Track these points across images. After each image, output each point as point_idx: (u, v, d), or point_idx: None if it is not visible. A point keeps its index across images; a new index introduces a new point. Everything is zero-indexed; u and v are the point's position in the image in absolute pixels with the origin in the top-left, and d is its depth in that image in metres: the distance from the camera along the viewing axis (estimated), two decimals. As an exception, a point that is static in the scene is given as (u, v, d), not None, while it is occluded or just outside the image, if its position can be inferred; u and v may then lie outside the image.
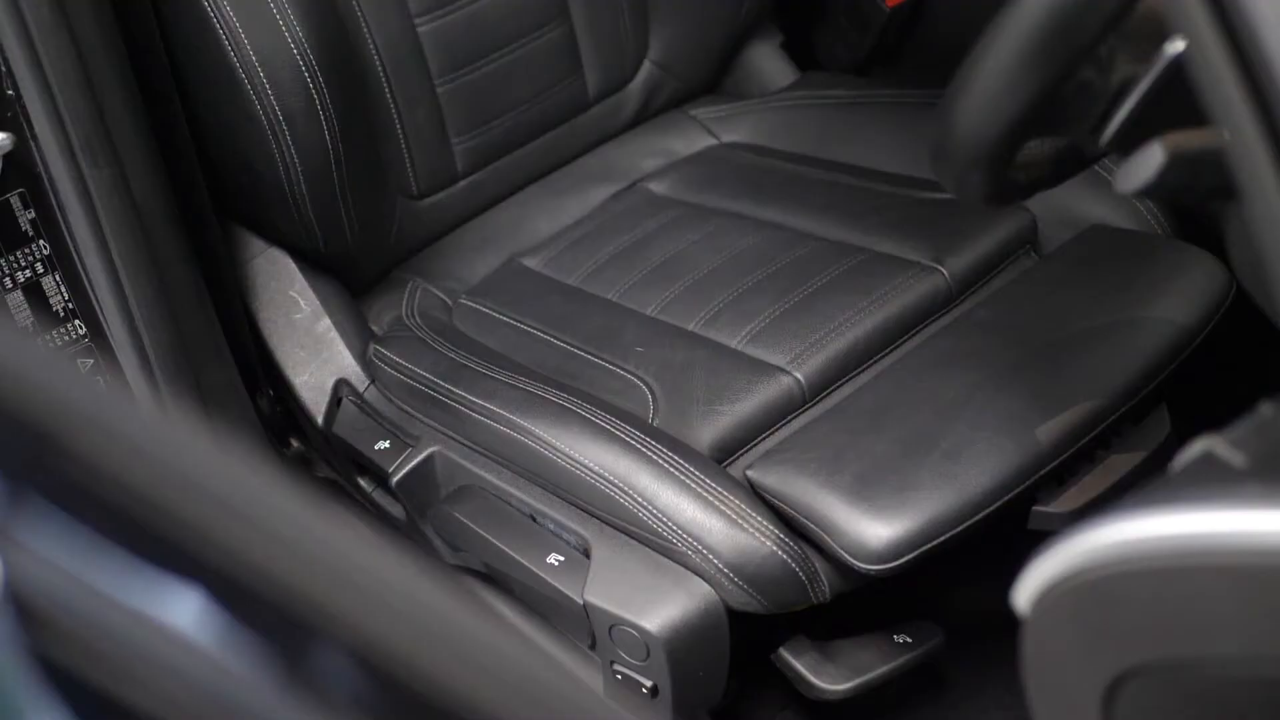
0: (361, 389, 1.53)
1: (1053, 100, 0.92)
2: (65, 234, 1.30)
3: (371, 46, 1.55)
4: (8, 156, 1.26)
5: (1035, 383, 1.32)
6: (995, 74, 0.91)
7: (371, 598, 0.52)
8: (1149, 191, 0.87)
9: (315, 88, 1.40)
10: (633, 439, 1.31)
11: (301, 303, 1.54)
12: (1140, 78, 0.91)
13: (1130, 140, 0.92)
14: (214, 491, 0.53)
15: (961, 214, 1.51)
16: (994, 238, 1.49)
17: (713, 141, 1.77)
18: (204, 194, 1.46)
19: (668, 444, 1.31)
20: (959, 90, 0.94)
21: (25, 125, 1.25)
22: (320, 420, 1.53)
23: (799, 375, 1.38)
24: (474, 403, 1.40)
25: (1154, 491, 0.72)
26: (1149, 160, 0.84)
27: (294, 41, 1.39)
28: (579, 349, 1.47)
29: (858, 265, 1.48)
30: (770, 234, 1.56)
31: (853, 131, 1.71)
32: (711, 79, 1.83)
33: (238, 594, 0.51)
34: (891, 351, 1.43)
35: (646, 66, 1.76)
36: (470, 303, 1.59)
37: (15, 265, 1.31)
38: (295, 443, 1.62)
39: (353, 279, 1.62)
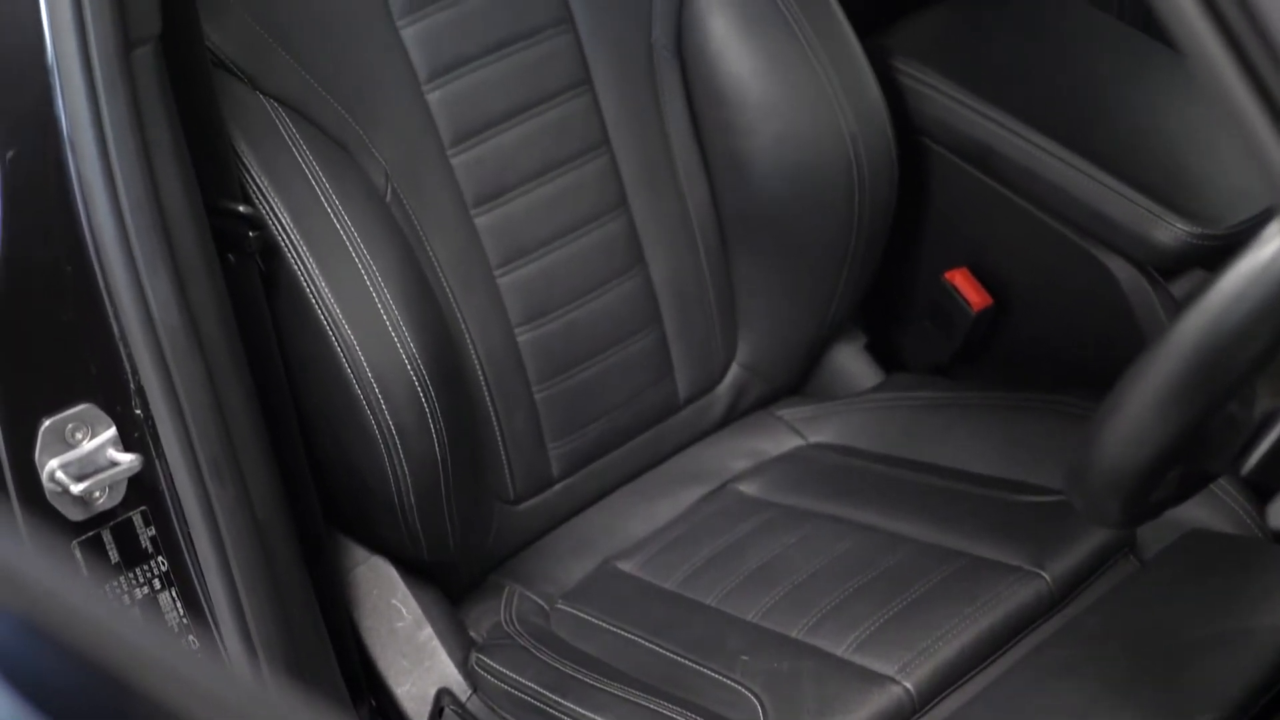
0: (464, 698, 1.52)
1: (1193, 435, 0.94)
2: (184, 550, 1.31)
3: (474, 356, 1.59)
4: (133, 476, 1.27)
5: (1152, 695, 1.31)
6: (1142, 407, 0.93)
7: None
8: (1302, 526, 0.88)
9: (427, 400, 1.43)
10: (749, 754, 1.30)
11: (404, 611, 1.54)
12: (1283, 412, 0.93)
13: (1272, 472, 0.93)
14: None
15: (1057, 517, 1.52)
16: (1093, 542, 1.49)
17: (800, 442, 1.79)
18: (316, 507, 1.48)
19: (784, 759, 1.30)
20: (1104, 420, 0.96)
21: (152, 445, 1.27)
22: (422, 730, 1.52)
23: (908, 684, 1.38)
24: (585, 716, 1.40)
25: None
26: (1303, 498, 0.85)
27: (408, 357, 1.42)
28: (683, 657, 1.46)
29: (958, 570, 1.49)
30: (866, 537, 1.57)
31: (942, 433, 1.73)
32: (797, 380, 1.86)
33: None
34: (998, 658, 1.42)
35: (734, 369, 1.79)
36: (568, 608, 1.59)
37: (134, 582, 1.32)
38: (394, 752, 1.60)
39: (450, 585, 1.63)
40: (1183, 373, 0.91)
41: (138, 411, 1.27)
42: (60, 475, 1.23)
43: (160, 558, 1.32)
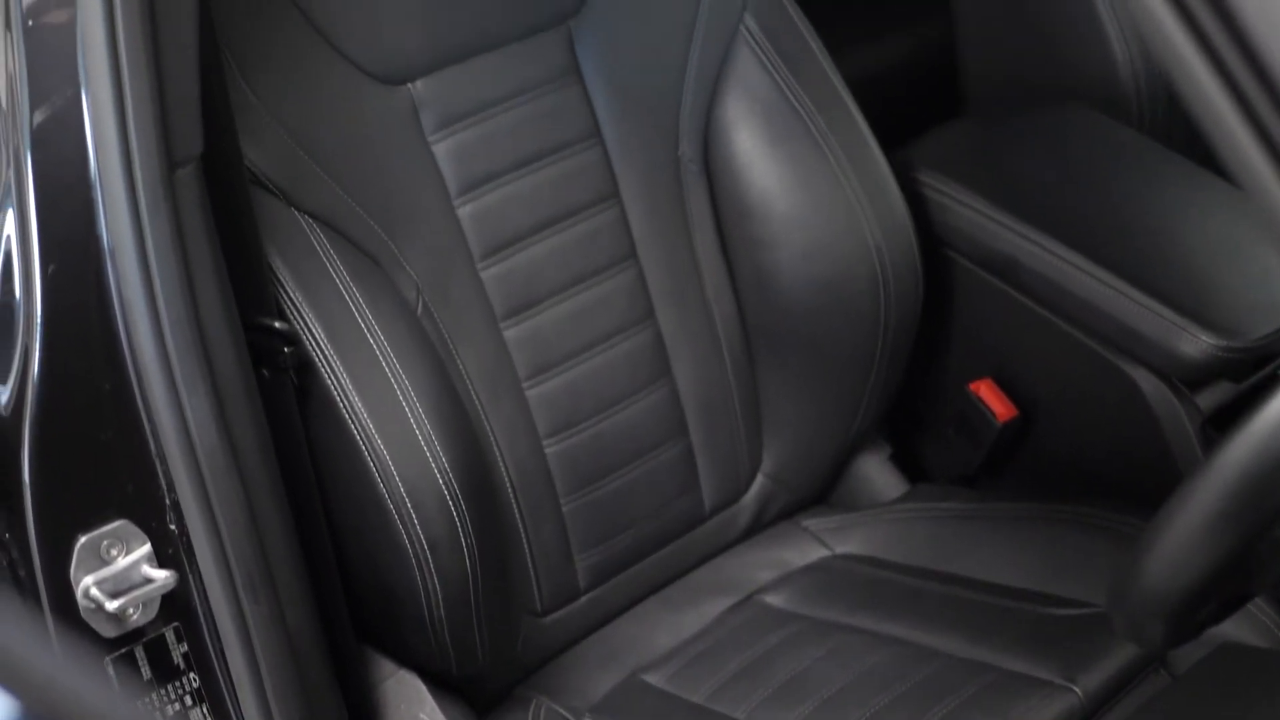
0: (492, 815, 1.51)
1: (1239, 559, 0.94)
2: (215, 667, 1.31)
3: (503, 468, 1.59)
4: (166, 593, 1.27)
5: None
6: (1187, 533, 0.93)
7: None
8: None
9: (458, 514, 1.43)
10: None
11: (431, 725, 1.53)
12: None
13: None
14: None
15: (1088, 630, 1.52)
16: (1124, 655, 1.49)
17: (826, 553, 1.78)
18: (346, 620, 1.48)
19: None
20: (1148, 545, 0.96)
21: (186, 561, 1.27)
22: None
23: (942, 803, 1.37)
24: (616, 834, 1.39)
25: None
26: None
27: (439, 470, 1.42)
28: (714, 773, 1.46)
29: (989, 685, 1.48)
30: (895, 650, 1.56)
31: (968, 544, 1.73)
32: (822, 490, 1.86)
33: None
34: (1031, 777, 1.42)
35: (760, 479, 1.79)
36: (597, 723, 1.59)
37: (165, 698, 1.31)
38: None
39: (477, 697, 1.62)
40: (1228, 498, 0.91)
41: (172, 527, 1.27)
42: (95, 592, 1.23)
43: (192, 674, 1.31)
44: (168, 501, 1.27)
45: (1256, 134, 0.67)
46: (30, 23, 1.19)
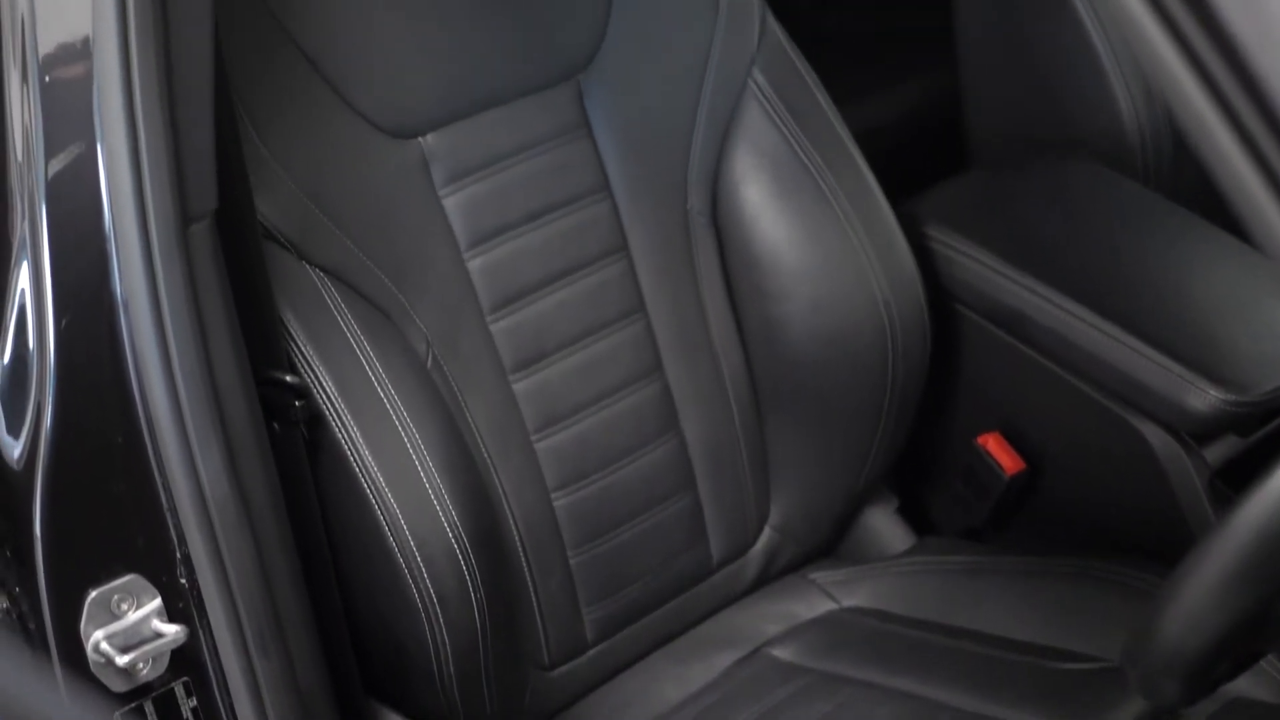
0: None
1: (1256, 617, 0.94)
2: (224, 720, 1.31)
3: (511, 521, 1.59)
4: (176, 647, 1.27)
5: None
6: (1203, 592, 0.93)
7: None
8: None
9: (468, 569, 1.43)
10: None
11: (440, 780, 1.53)
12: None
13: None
14: None
15: (1097, 685, 1.51)
16: (1133, 710, 1.48)
17: (833, 606, 1.78)
18: (355, 674, 1.47)
19: None
20: (1165, 603, 0.96)
21: (196, 616, 1.27)
22: None
23: None
24: None
25: None
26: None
27: (449, 525, 1.42)
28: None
29: (999, 740, 1.48)
30: (904, 705, 1.56)
31: (976, 598, 1.72)
32: (829, 542, 1.86)
33: None
34: (1043, 832, 1.41)
35: (767, 532, 1.79)
36: (604, 777, 1.58)
37: (174, 753, 1.31)
38: None
39: (484, 751, 1.61)
40: (1245, 557, 0.91)
41: (183, 581, 1.27)
42: (105, 646, 1.23)
43: (202, 728, 1.31)
44: (178, 555, 1.26)
45: (1262, 173, 0.67)
46: (47, 77, 1.19)
